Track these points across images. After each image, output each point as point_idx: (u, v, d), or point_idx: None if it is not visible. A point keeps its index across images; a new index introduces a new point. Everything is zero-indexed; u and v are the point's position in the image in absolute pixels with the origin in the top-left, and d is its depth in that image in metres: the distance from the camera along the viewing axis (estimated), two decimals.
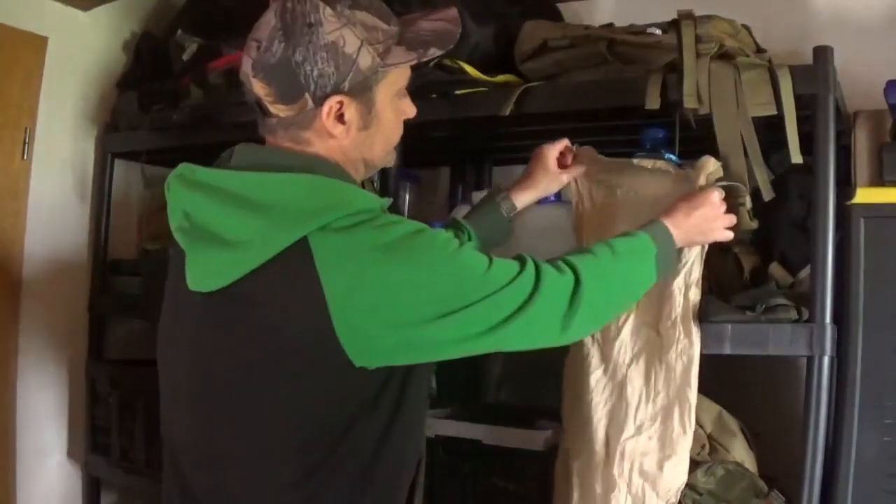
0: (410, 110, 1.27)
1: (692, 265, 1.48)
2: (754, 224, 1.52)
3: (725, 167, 1.50)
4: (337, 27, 1.13)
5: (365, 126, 1.19)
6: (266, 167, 1.13)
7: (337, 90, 1.15)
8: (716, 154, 1.51)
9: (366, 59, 1.15)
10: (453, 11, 1.25)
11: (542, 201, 1.70)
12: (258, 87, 1.15)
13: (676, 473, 1.45)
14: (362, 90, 1.17)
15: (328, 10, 1.13)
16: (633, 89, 1.59)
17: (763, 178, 1.53)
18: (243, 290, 1.09)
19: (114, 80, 2.43)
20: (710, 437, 1.64)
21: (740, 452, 1.62)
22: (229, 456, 1.16)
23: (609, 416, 1.50)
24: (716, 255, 1.75)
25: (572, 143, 1.62)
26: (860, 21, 1.87)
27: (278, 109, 1.16)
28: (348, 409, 1.13)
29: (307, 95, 1.14)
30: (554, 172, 1.60)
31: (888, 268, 1.51)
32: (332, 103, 1.15)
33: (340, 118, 1.17)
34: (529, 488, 1.64)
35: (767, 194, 1.54)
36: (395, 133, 1.26)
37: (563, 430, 1.58)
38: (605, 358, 1.52)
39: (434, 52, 1.21)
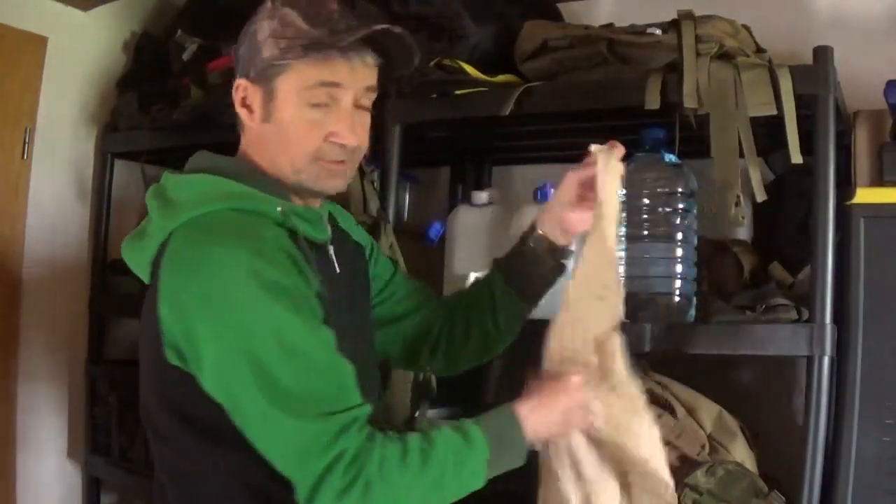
0: (329, 123, 1.16)
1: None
2: (742, 221, 1.52)
3: (722, 167, 1.50)
4: (261, 18, 1.19)
5: (266, 117, 1.18)
6: (195, 169, 1.22)
7: (245, 74, 1.20)
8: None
9: (269, 49, 1.16)
10: (395, 29, 1.18)
11: (542, 200, 1.70)
12: None
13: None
14: (263, 79, 1.17)
15: (268, 4, 1.19)
16: (633, 89, 1.59)
17: (757, 178, 1.53)
18: (150, 284, 1.16)
19: (114, 80, 2.43)
20: (710, 437, 1.64)
21: (740, 452, 1.62)
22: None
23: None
24: (716, 255, 1.76)
25: (572, 145, 1.62)
26: (860, 21, 1.87)
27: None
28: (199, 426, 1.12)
29: (236, 76, 1.22)
30: (568, 205, 1.31)
31: (888, 268, 1.51)
32: (240, 84, 1.20)
33: (247, 106, 1.20)
34: (529, 488, 1.64)
35: (760, 195, 1.54)
36: (301, 138, 1.16)
37: None
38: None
39: (326, 49, 1.14)
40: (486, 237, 1.79)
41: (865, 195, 1.54)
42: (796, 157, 1.49)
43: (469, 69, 1.75)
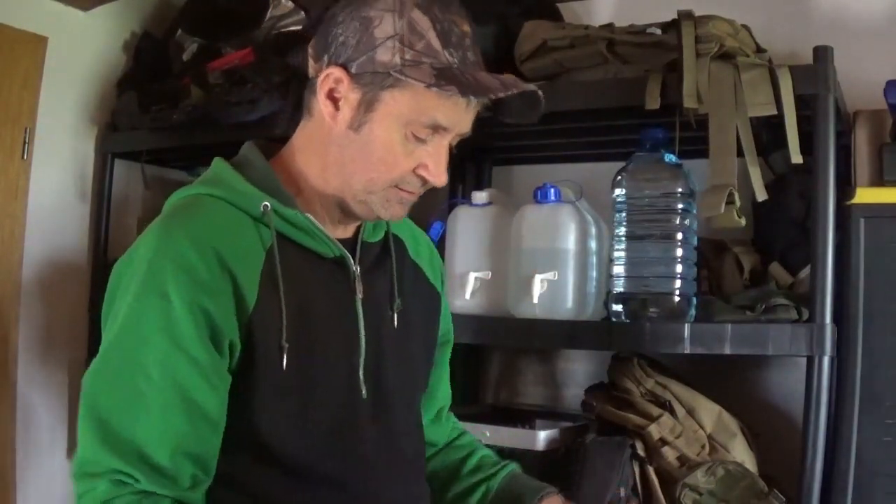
0: (423, 155, 1.06)
1: None
2: (742, 222, 1.52)
3: (717, 166, 1.50)
4: (385, 8, 1.03)
5: (355, 126, 1.05)
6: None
7: (342, 63, 1.04)
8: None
9: (388, 53, 1.02)
10: (529, 87, 1.07)
11: (542, 200, 1.70)
12: (312, 42, 1.09)
13: None
14: (369, 83, 1.03)
15: None
16: (633, 89, 1.59)
17: (757, 178, 1.53)
18: None
19: (114, 80, 2.43)
20: (710, 437, 1.64)
21: (740, 452, 1.62)
22: None
23: None
24: (716, 255, 1.76)
25: (572, 145, 1.62)
26: (860, 21, 1.87)
27: (311, 67, 1.09)
28: None
29: (325, 57, 1.06)
30: None
31: (888, 268, 1.51)
32: (333, 73, 1.05)
33: (334, 98, 1.06)
34: None
35: (760, 195, 1.54)
36: (390, 163, 1.06)
37: None
38: None
39: (454, 92, 1.01)
40: (486, 237, 1.79)
41: (865, 195, 1.54)
42: (796, 157, 1.49)
43: None
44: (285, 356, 1.03)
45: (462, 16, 1.07)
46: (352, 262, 1.12)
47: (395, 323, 1.17)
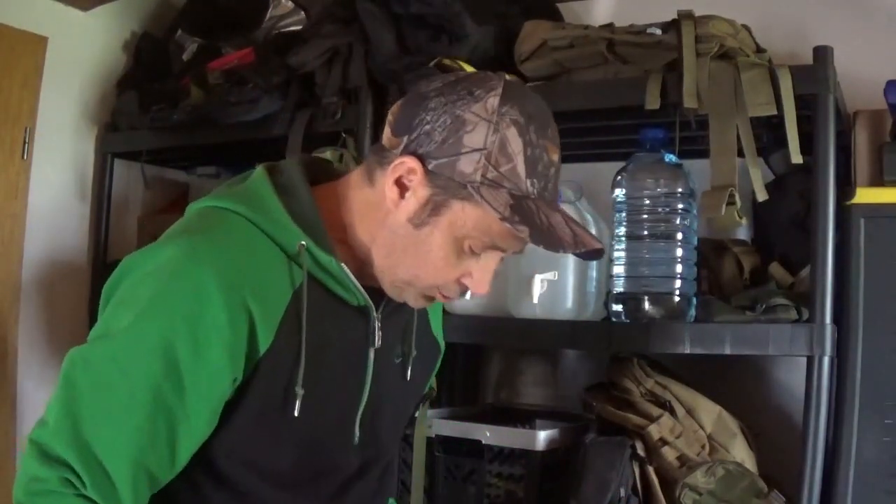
0: (470, 265, 1.03)
1: None
2: (743, 222, 1.52)
3: (717, 167, 1.50)
4: (481, 116, 0.98)
5: (416, 222, 1.01)
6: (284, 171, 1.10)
7: (420, 154, 0.99)
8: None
9: (469, 164, 0.98)
10: (597, 245, 1.02)
11: None
12: (395, 106, 1.05)
13: None
14: (442, 187, 0.99)
15: (495, 101, 0.98)
16: (633, 89, 1.59)
17: (757, 178, 1.53)
18: None
19: (114, 80, 2.43)
20: (710, 437, 1.64)
21: (740, 452, 1.62)
22: None
23: None
24: (716, 255, 1.76)
25: (572, 145, 1.62)
26: (860, 21, 1.87)
27: (386, 137, 1.04)
28: None
29: (405, 139, 1.01)
30: None
31: (888, 268, 1.51)
32: (408, 162, 1.00)
33: (402, 186, 1.01)
34: (529, 488, 1.64)
35: (761, 195, 1.54)
36: (439, 269, 1.03)
37: None
38: None
39: (525, 235, 0.97)
40: None
41: (865, 195, 1.54)
42: (796, 157, 1.49)
43: (469, 69, 1.75)
44: (298, 402, 1.01)
45: (555, 143, 1.03)
46: (374, 312, 1.09)
47: (403, 371, 1.16)
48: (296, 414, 1.01)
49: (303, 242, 1.01)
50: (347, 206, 1.07)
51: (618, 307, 1.61)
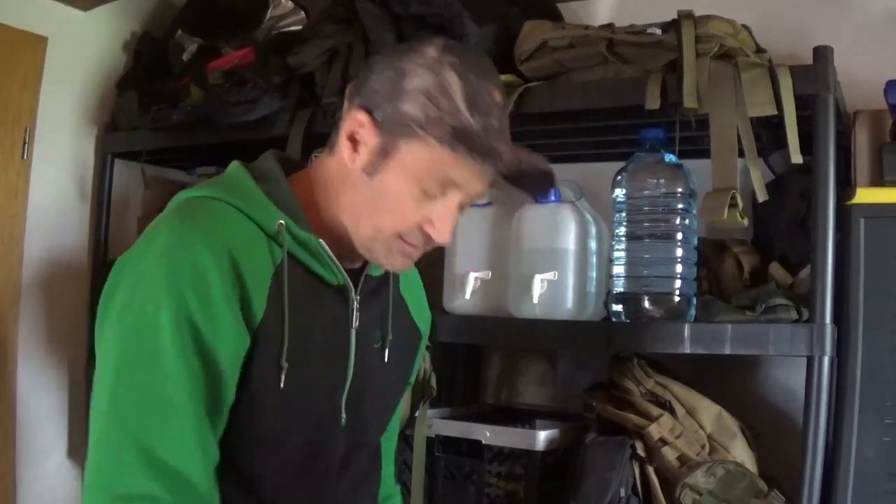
0: (431, 212, 1.06)
1: None
2: (745, 223, 1.52)
3: (719, 169, 1.50)
4: (421, 63, 1.04)
5: (370, 170, 1.06)
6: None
7: (369, 108, 1.06)
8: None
9: (412, 105, 1.03)
10: (544, 166, 1.10)
11: (541, 200, 1.70)
12: (350, 84, 1.12)
13: None
14: (390, 130, 1.04)
15: (434, 50, 1.05)
16: (633, 89, 1.59)
17: (758, 178, 1.53)
18: None
19: (114, 80, 2.43)
20: (710, 437, 1.64)
21: (740, 452, 1.62)
22: None
23: None
24: (716, 255, 1.76)
25: (572, 145, 1.62)
26: (860, 21, 1.87)
27: (344, 108, 1.11)
28: None
29: (356, 100, 1.08)
30: None
31: (888, 268, 1.51)
32: (359, 117, 1.06)
33: (354, 140, 1.07)
34: (529, 488, 1.64)
35: (761, 195, 1.54)
36: (398, 214, 1.06)
37: None
38: None
39: (466, 157, 1.03)
40: (486, 237, 1.79)
41: (865, 195, 1.54)
42: (796, 157, 1.49)
43: None
44: (283, 375, 1.03)
45: (499, 87, 1.08)
46: (353, 292, 1.13)
47: (381, 355, 1.20)
48: (281, 386, 1.03)
49: (281, 221, 1.05)
50: (318, 184, 1.12)
51: (618, 307, 1.61)
